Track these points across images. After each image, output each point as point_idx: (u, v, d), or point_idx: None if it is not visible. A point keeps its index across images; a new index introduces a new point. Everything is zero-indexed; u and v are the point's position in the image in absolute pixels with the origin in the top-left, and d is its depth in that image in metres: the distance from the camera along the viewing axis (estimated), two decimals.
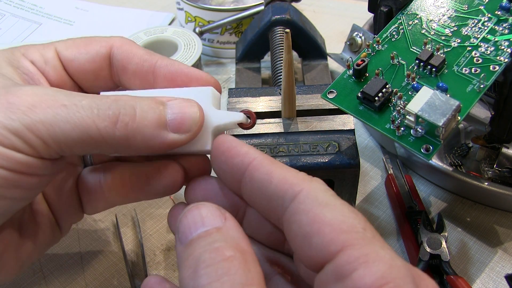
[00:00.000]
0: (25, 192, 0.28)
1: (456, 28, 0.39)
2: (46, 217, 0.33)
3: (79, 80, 0.34)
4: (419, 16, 0.40)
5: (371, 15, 0.49)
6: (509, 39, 0.37)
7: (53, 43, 0.34)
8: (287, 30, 0.34)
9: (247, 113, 0.29)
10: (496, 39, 0.37)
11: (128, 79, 0.34)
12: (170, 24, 0.71)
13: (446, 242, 0.39)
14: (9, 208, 0.28)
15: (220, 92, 0.32)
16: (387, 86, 0.35)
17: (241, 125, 0.29)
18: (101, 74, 0.34)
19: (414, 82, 0.36)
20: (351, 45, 0.54)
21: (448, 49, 0.38)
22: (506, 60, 0.36)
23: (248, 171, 0.26)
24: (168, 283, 0.27)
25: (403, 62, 0.37)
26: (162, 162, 0.31)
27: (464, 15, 0.39)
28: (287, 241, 0.25)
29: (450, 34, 0.38)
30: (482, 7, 0.39)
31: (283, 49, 0.40)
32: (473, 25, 0.38)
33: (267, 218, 0.27)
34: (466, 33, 0.38)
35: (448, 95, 0.34)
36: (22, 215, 0.32)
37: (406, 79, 0.36)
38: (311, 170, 0.36)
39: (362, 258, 0.21)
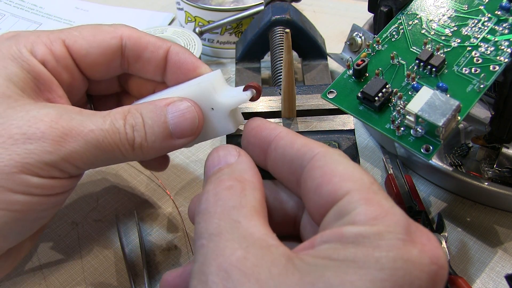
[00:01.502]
0: (54, 209, 0.32)
1: (456, 28, 0.39)
2: None
3: (90, 73, 0.35)
4: (419, 16, 0.40)
5: (371, 15, 0.49)
6: (509, 39, 0.37)
7: (58, 35, 0.33)
8: (287, 30, 0.34)
9: (253, 87, 0.32)
10: (496, 39, 0.37)
11: (141, 67, 0.35)
12: (170, 24, 0.71)
13: (446, 242, 0.39)
14: (39, 225, 0.32)
15: None
16: (387, 86, 0.35)
17: (251, 99, 0.32)
18: (112, 65, 0.35)
19: (414, 82, 0.36)
20: (351, 45, 0.54)
21: (448, 49, 0.38)
22: (506, 60, 0.36)
23: (274, 140, 0.28)
24: (182, 269, 0.29)
25: (403, 62, 0.37)
26: None
27: (464, 15, 0.39)
28: (304, 203, 0.26)
29: (450, 34, 0.38)
30: (482, 7, 0.39)
31: (283, 49, 0.40)
32: (473, 25, 0.38)
33: (287, 184, 0.28)
34: (466, 33, 0.38)
35: (448, 95, 0.34)
36: None
37: (406, 79, 0.36)
38: None
39: (362, 201, 0.22)
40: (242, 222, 0.23)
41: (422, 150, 0.33)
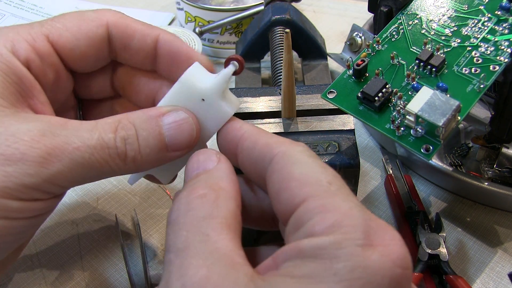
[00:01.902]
0: (34, 229, 0.30)
1: (456, 28, 0.39)
2: None
3: (77, 67, 0.32)
4: (419, 16, 0.40)
5: (371, 15, 0.49)
6: (509, 39, 0.37)
7: (40, 30, 0.31)
8: (287, 30, 0.34)
9: (233, 59, 0.30)
10: (496, 39, 0.37)
11: (130, 57, 0.33)
12: (170, 24, 0.71)
13: (444, 242, 0.39)
14: (17, 244, 0.30)
15: (210, 67, 0.32)
16: (387, 86, 0.35)
17: (234, 73, 0.31)
18: (101, 55, 0.32)
19: (414, 82, 0.36)
20: (351, 45, 0.54)
21: (448, 49, 0.38)
22: (506, 60, 0.36)
23: (240, 142, 0.27)
24: None
25: (403, 62, 0.37)
26: None
27: (464, 15, 0.39)
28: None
29: (450, 34, 0.38)
30: (482, 7, 0.39)
31: (283, 49, 0.40)
32: (473, 25, 0.38)
33: (259, 185, 0.28)
34: (466, 33, 0.38)
35: (448, 95, 0.34)
36: None
37: (406, 79, 0.36)
38: None
39: (318, 208, 0.22)
40: (211, 235, 0.22)
41: (422, 150, 0.33)
